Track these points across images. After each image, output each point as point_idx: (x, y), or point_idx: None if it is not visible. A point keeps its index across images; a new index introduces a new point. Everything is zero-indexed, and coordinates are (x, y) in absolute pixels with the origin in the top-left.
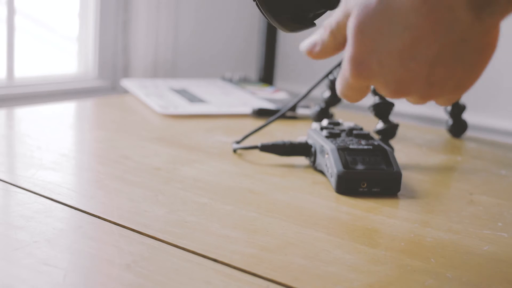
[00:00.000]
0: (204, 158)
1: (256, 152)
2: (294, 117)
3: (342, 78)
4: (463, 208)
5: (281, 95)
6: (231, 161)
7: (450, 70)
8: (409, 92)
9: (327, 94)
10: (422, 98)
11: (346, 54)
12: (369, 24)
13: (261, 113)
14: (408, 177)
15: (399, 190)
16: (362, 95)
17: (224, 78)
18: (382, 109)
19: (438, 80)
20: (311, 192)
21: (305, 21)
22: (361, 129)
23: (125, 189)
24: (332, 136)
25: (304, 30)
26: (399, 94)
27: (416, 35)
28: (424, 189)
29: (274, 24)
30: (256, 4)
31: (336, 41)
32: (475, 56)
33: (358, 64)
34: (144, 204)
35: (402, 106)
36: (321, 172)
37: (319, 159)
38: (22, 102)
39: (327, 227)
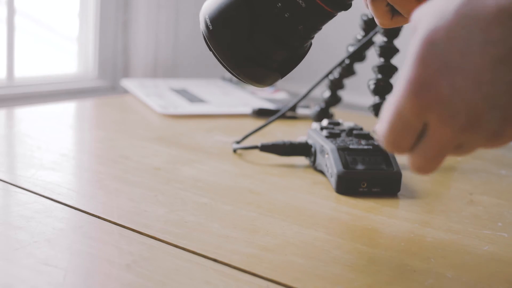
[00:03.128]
0: (204, 158)
1: (256, 152)
2: (294, 117)
3: (391, 111)
4: (463, 208)
5: (281, 95)
6: (231, 161)
7: None
8: (479, 127)
9: (327, 94)
10: (489, 139)
11: (404, 76)
12: (441, 37)
13: (261, 113)
14: (408, 177)
15: (399, 190)
16: (410, 139)
17: (224, 78)
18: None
19: None
20: (311, 192)
21: (269, 68)
22: (361, 129)
23: (125, 189)
24: (332, 136)
25: (273, 82)
26: (467, 129)
27: (497, 53)
28: (424, 189)
29: (239, 77)
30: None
31: None
32: None
33: (421, 86)
34: (144, 204)
35: None
36: (321, 172)
37: (319, 159)
38: (22, 102)
39: (327, 227)
